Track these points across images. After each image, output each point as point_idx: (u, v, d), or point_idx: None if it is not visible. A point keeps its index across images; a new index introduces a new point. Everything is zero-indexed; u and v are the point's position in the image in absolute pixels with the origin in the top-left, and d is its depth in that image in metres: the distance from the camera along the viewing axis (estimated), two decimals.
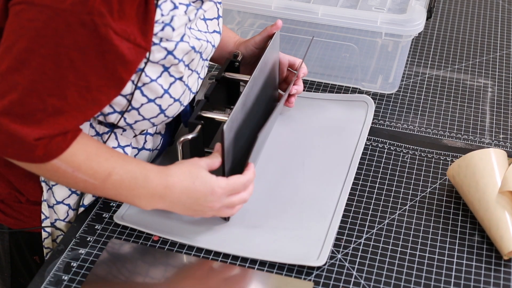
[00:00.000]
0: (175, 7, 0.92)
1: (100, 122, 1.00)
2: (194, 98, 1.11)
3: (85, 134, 0.93)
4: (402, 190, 1.11)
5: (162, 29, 0.91)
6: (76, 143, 0.90)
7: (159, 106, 0.97)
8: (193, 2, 0.97)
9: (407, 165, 1.16)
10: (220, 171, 0.98)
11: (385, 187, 1.11)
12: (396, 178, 1.13)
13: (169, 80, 0.96)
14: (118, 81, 0.89)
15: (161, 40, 0.91)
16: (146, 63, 0.92)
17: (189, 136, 1.00)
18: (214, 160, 0.97)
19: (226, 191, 0.96)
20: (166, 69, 0.95)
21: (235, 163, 1.02)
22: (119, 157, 0.94)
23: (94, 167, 0.92)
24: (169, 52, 0.93)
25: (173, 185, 0.95)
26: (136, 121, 0.99)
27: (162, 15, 0.90)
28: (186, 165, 0.96)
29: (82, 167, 0.91)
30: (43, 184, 1.03)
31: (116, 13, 0.84)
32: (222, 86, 1.12)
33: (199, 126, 1.01)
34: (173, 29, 0.91)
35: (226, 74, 1.13)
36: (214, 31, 1.04)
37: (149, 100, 0.96)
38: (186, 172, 0.95)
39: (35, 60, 0.83)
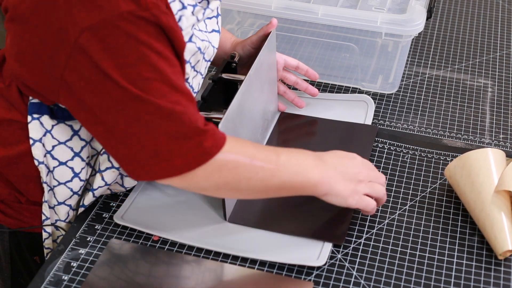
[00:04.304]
0: (184, 7, 0.92)
1: None
2: None
3: None
4: (402, 190, 1.11)
5: None
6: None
7: None
8: (199, 2, 0.97)
9: (407, 165, 1.16)
10: None
11: (385, 187, 1.11)
12: (396, 178, 1.13)
13: None
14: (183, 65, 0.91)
15: None
16: None
17: None
18: None
19: (364, 162, 1.01)
20: None
21: None
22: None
23: (262, 150, 0.93)
24: None
25: (320, 153, 0.99)
26: None
27: None
28: None
29: (256, 153, 0.92)
30: (44, 185, 1.02)
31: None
32: (219, 87, 1.12)
33: None
34: (181, 29, 0.92)
35: (223, 75, 1.13)
36: (213, 30, 1.04)
37: None
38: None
39: (142, 70, 0.84)
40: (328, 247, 1.00)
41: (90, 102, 0.85)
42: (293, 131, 1.23)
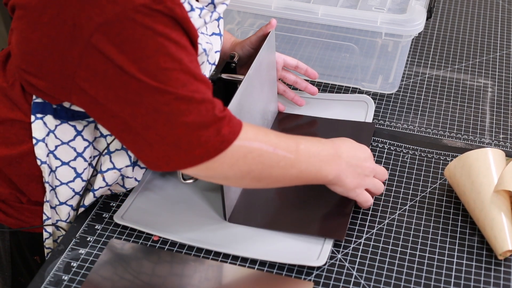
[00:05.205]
0: (192, 9, 0.92)
1: None
2: None
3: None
4: (402, 190, 1.11)
5: None
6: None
7: None
8: (206, 5, 0.97)
9: (407, 165, 1.16)
10: None
11: (385, 187, 1.11)
12: (396, 178, 1.13)
13: None
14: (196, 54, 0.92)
15: None
16: None
17: None
18: None
19: (372, 158, 1.04)
20: None
21: None
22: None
23: (283, 139, 0.93)
24: None
25: (338, 143, 1.00)
26: None
27: None
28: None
29: (278, 142, 0.92)
30: (46, 185, 1.02)
31: None
32: (219, 87, 1.12)
33: None
34: None
35: (223, 75, 1.13)
36: (213, 34, 1.04)
37: None
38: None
39: (157, 62, 0.84)
40: (328, 247, 1.00)
41: (105, 97, 0.85)
42: (292, 130, 1.23)
